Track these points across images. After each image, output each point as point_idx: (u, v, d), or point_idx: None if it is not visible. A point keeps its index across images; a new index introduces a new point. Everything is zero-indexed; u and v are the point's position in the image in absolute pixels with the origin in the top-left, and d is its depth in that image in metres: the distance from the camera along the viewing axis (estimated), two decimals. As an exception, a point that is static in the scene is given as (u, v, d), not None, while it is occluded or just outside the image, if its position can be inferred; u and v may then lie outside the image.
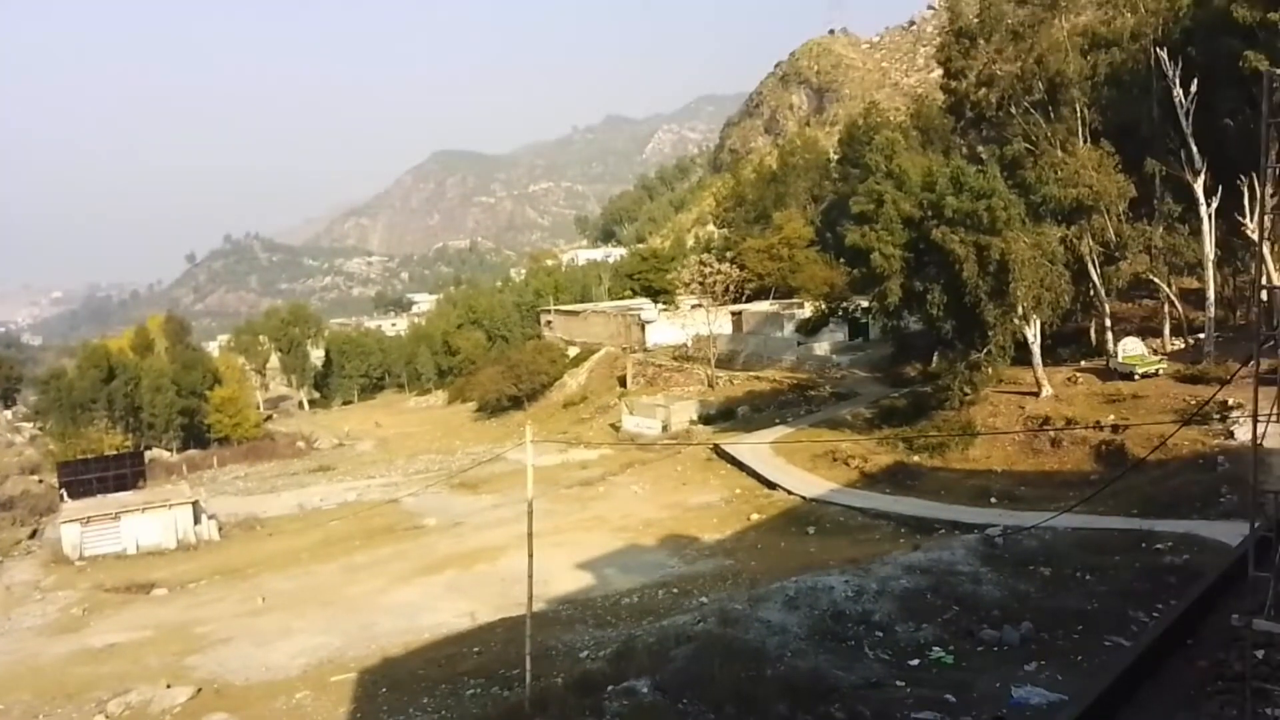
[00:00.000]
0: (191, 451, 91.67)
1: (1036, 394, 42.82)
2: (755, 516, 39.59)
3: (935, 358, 49.66)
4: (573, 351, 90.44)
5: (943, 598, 21.79)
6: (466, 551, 39.33)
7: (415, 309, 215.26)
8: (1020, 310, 40.83)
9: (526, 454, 20.34)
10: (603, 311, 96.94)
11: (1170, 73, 39.94)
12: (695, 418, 60.40)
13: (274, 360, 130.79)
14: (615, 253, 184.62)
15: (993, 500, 35.25)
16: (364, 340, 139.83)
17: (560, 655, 23.51)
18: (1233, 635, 13.06)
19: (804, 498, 40.36)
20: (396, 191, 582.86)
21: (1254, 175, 35.11)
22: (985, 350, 41.47)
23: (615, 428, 64.77)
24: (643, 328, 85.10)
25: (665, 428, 59.70)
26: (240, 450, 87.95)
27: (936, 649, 19.44)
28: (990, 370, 42.39)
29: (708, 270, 75.02)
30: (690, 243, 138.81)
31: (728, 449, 49.59)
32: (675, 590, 30.57)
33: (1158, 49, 40.74)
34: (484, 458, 57.44)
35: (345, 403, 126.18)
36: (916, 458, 41.99)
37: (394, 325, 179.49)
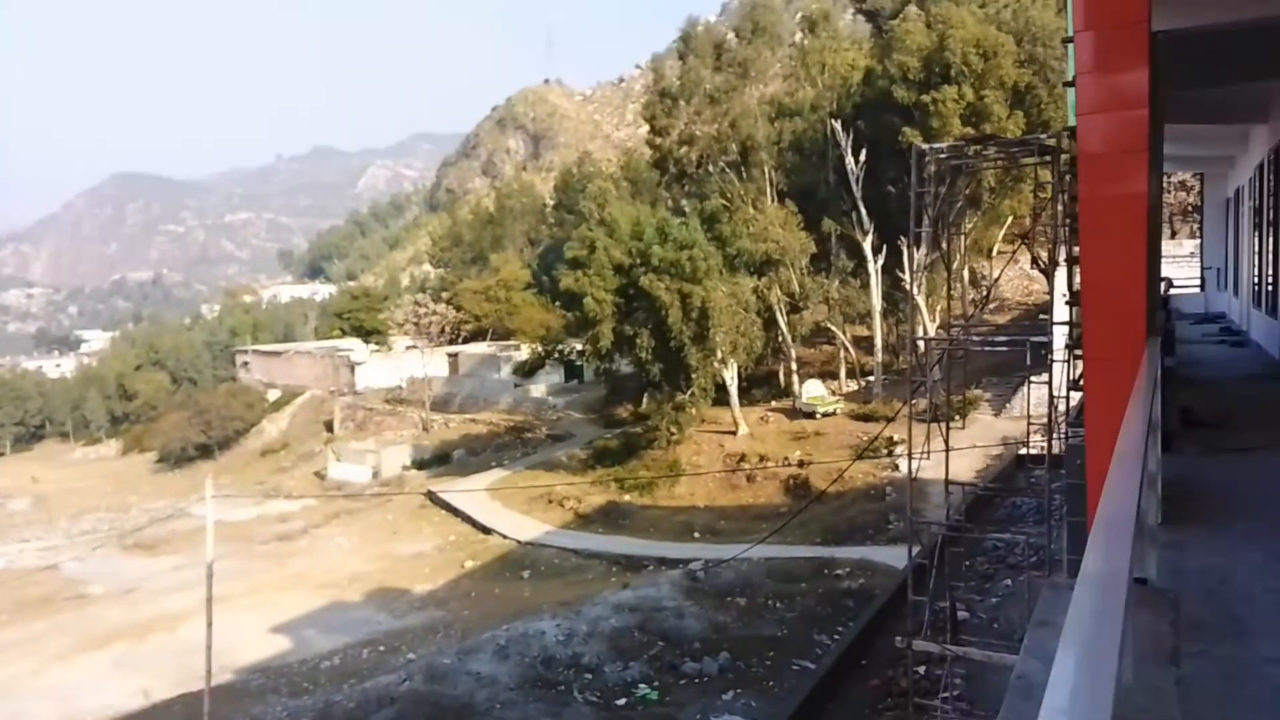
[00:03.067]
0: None
1: (734, 433, 45.65)
2: (470, 564, 38.67)
3: (645, 399, 51.62)
4: (273, 395, 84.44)
5: (649, 634, 22.34)
6: (141, 621, 34.99)
7: (85, 348, 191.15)
8: (719, 354, 43.50)
9: (207, 507, 18.44)
10: (308, 352, 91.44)
11: (843, 143, 44.52)
12: (408, 463, 58.35)
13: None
14: (323, 290, 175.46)
15: (696, 535, 36.92)
16: (20, 383, 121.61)
17: (248, 731, 21.42)
18: (898, 655, 14.40)
19: (520, 541, 40.02)
20: (66, 216, 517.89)
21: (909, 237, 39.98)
22: (689, 392, 43.72)
23: (320, 476, 61.01)
24: (352, 369, 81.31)
25: (376, 474, 57.12)
26: None
27: (643, 686, 19.84)
28: (694, 411, 44.76)
29: (423, 311, 73.52)
30: (405, 282, 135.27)
31: (442, 495, 48.21)
32: (382, 648, 29.01)
33: (833, 120, 45.36)
34: (164, 514, 51.81)
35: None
36: (628, 497, 43.14)
37: (58, 366, 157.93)
